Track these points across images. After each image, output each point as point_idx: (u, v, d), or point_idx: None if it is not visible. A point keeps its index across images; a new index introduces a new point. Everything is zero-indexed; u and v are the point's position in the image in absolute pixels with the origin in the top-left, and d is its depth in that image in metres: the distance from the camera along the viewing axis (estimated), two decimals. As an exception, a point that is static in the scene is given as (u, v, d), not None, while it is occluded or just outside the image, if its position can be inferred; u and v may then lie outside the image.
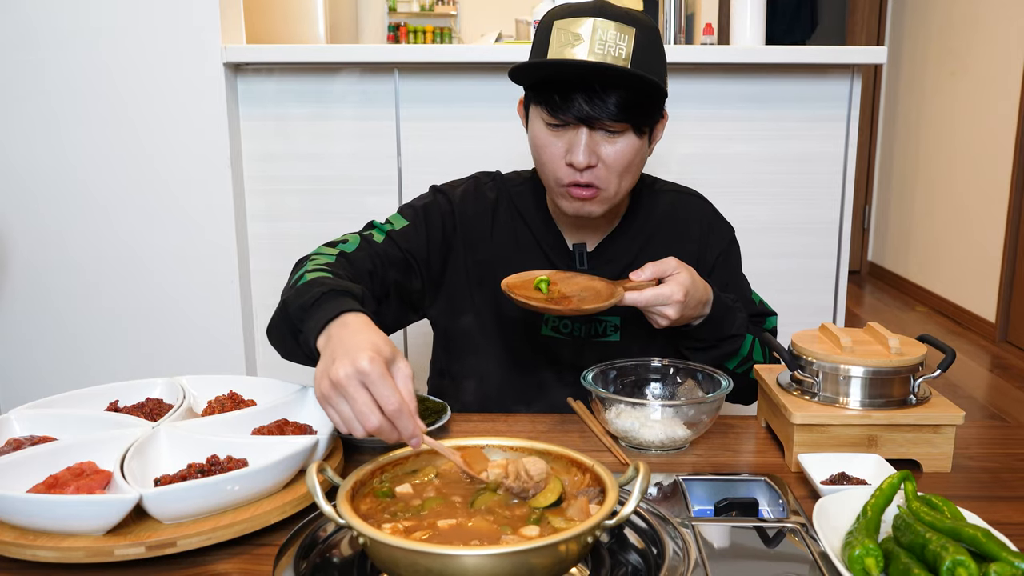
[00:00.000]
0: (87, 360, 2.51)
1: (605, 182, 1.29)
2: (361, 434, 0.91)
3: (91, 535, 0.86)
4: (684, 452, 1.19)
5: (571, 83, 1.23)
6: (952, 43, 5.06)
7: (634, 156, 1.29)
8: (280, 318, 1.19)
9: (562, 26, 1.24)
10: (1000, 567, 0.75)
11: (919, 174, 5.48)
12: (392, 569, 0.75)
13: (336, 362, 0.92)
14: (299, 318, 1.09)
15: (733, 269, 1.51)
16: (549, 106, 1.25)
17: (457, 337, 1.47)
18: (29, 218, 2.42)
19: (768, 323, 1.50)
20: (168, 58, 2.34)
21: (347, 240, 1.35)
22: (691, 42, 3.31)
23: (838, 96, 2.39)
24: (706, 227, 1.49)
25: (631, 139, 1.28)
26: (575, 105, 1.23)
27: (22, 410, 1.10)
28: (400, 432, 0.90)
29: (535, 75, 1.27)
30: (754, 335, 1.40)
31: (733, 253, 1.52)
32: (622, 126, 1.26)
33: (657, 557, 0.85)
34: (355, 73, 2.40)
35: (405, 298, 1.41)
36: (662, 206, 1.48)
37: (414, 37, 7.61)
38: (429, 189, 1.48)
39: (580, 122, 1.25)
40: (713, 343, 1.35)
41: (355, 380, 0.90)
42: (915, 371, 1.14)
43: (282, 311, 1.17)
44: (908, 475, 0.92)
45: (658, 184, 1.52)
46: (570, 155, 1.27)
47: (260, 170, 2.46)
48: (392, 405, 0.89)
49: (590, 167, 1.27)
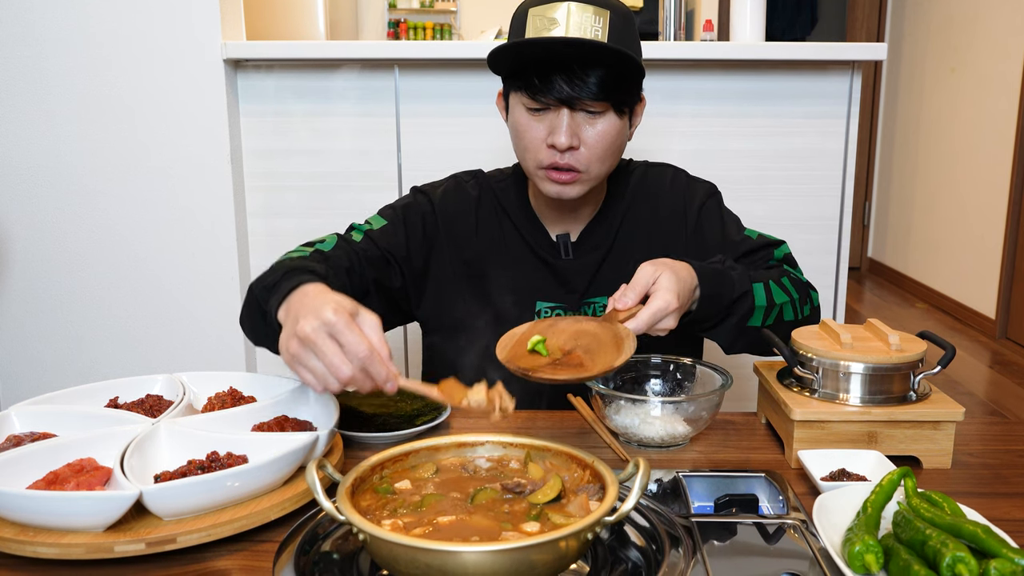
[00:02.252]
0: (87, 356, 2.51)
1: (586, 164, 1.30)
2: (336, 388, 0.92)
3: (91, 531, 0.86)
4: (684, 448, 1.19)
5: (550, 65, 1.24)
6: (952, 39, 5.05)
7: (615, 137, 1.30)
8: (248, 303, 1.23)
9: (537, 12, 1.26)
10: (1000, 563, 0.75)
11: (919, 170, 5.48)
12: (392, 565, 0.75)
13: (300, 320, 0.94)
14: (263, 298, 1.13)
15: (718, 217, 1.47)
16: (530, 90, 1.26)
17: (447, 334, 1.47)
18: (29, 214, 2.41)
19: (777, 252, 1.44)
20: (168, 54, 2.33)
21: (324, 240, 1.37)
22: (691, 38, 3.31)
23: (838, 92, 2.39)
24: (680, 188, 1.48)
25: (612, 120, 1.28)
26: (555, 86, 1.24)
27: (22, 406, 1.10)
28: (373, 378, 0.92)
29: (514, 59, 1.28)
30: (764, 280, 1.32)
31: (713, 203, 1.48)
32: (602, 106, 1.26)
33: (657, 553, 0.85)
34: (355, 69, 2.40)
35: (385, 296, 1.41)
36: (633, 182, 1.48)
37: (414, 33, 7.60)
38: (410, 191, 1.50)
39: (561, 103, 1.26)
40: (723, 315, 1.29)
41: (322, 332, 0.92)
42: (915, 367, 1.14)
43: (249, 295, 1.21)
44: (908, 471, 0.92)
45: (631, 165, 1.52)
46: (552, 137, 1.27)
47: (260, 166, 2.46)
48: (362, 351, 0.91)
49: (572, 148, 1.28)
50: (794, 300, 1.34)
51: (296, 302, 1.02)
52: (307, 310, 0.95)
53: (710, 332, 1.33)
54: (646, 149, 2.35)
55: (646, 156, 1.59)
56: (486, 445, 0.96)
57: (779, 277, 1.36)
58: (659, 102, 2.36)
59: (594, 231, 1.44)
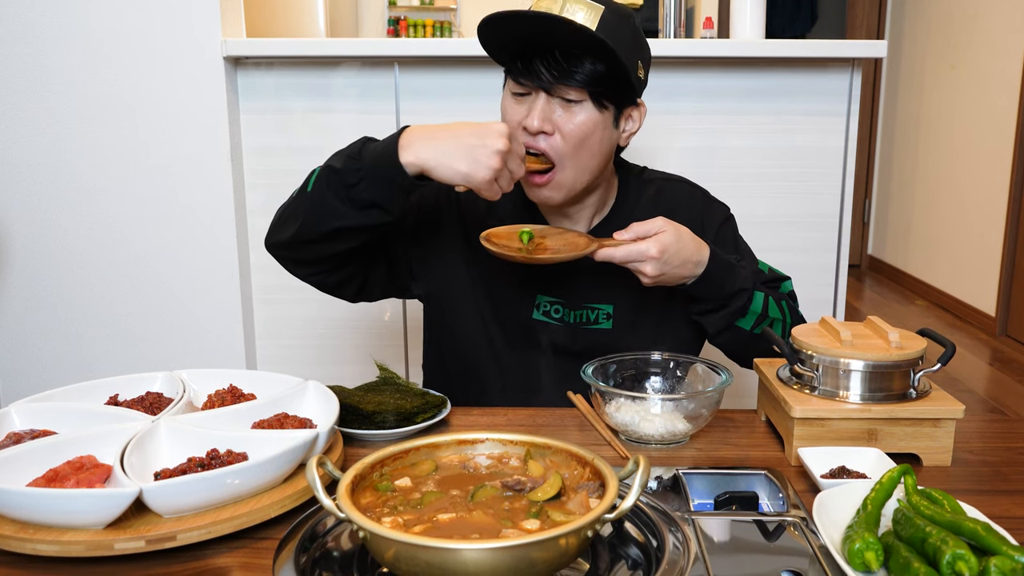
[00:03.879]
0: (87, 354, 2.51)
1: (559, 154, 1.30)
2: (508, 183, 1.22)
3: (91, 529, 0.86)
4: (684, 446, 1.19)
5: (532, 48, 1.26)
6: (952, 37, 5.05)
7: (592, 130, 1.30)
8: (322, 184, 1.28)
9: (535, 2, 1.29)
10: (1000, 561, 0.75)
11: (919, 168, 5.47)
12: (392, 563, 0.75)
13: (480, 128, 1.19)
14: (353, 167, 1.23)
15: (732, 243, 1.50)
16: (512, 72, 1.30)
17: (448, 317, 1.48)
18: (29, 212, 2.41)
19: (783, 287, 1.50)
20: (168, 52, 2.33)
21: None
22: (691, 36, 3.30)
23: (838, 90, 2.39)
24: (697, 211, 1.49)
25: (590, 111, 1.29)
26: (534, 68, 1.26)
27: (22, 404, 1.10)
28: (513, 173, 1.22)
29: (495, 31, 1.29)
30: (767, 294, 1.39)
31: (729, 228, 1.51)
32: (579, 94, 1.28)
33: (657, 551, 0.85)
34: (355, 67, 2.40)
35: (388, 261, 1.44)
36: (650, 194, 1.48)
37: (414, 31, 7.59)
38: None
39: (539, 87, 1.28)
40: (720, 303, 1.35)
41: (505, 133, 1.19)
42: (915, 365, 1.14)
43: (326, 176, 1.28)
44: (908, 469, 0.92)
45: (646, 173, 1.52)
46: (527, 119, 1.29)
47: (260, 164, 2.46)
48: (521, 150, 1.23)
49: (543, 132, 1.29)
50: (785, 323, 1.40)
51: (429, 131, 1.21)
52: (470, 126, 1.20)
53: (704, 318, 1.39)
54: (646, 147, 2.35)
55: (646, 154, 1.59)
56: (486, 443, 0.96)
57: (780, 299, 1.42)
58: (659, 100, 2.35)
59: (601, 233, 1.44)
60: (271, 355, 2.58)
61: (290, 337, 2.55)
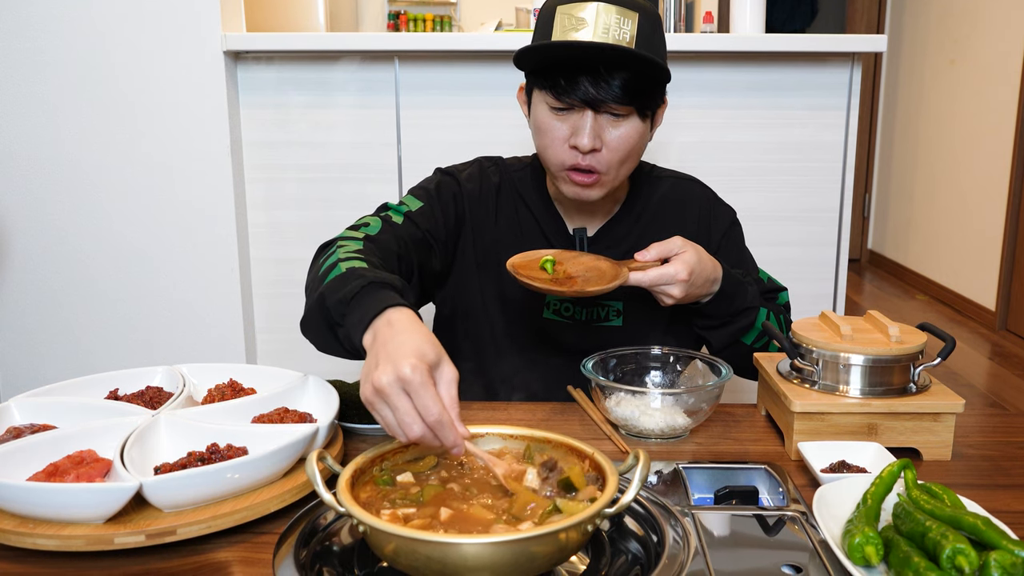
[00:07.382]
0: (87, 348, 2.51)
1: (606, 166, 1.29)
2: (405, 440, 0.89)
3: (91, 523, 0.86)
4: (684, 440, 1.19)
5: (577, 66, 1.23)
6: (952, 31, 5.04)
7: (637, 141, 1.30)
8: (317, 311, 1.12)
9: (565, 11, 1.24)
10: (1000, 555, 0.75)
11: (919, 162, 5.47)
12: (392, 557, 0.75)
13: (379, 367, 0.89)
14: (339, 312, 1.05)
15: (738, 250, 1.51)
16: (555, 90, 1.25)
17: (460, 319, 1.47)
18: (29, 206, 2.41)
19: (780, 298, 1.50)
20: (168, 46, 2.33)
21: (369, 223, 1.32)
22: (691, 30, 3.30)
23: (838, 84, 2.39)
24: (706, 211, 1.49)
25: (635, 123, 1.28)
26: (580, 88, 1.23)
27: (22, 398, 1.10)
28: (442, 441, 0.88)
29: (541, 58, 1.27)
30: (768, 309, 1.41)
31: (736, 234, 1.52)
32: (627, 109, 1.26)
33: (657, 545, 0.85)
34: (355, 61, 2.39)
35: (426, 280, 1.41)
36: (661, 191, 1.48)
37: (414, 25, 7.57)
38: (435, 171, 1.48)
39: (586, 105, 1.25)
40: (727, 319, 1.36)
41: (397, 387, 0.87)
42: (915, 359, 1.14)
43: (319, 304, 1.11)
44: (908, 463, 0.92)
45: (656, 171, 1.52)
46: (575, 138, 1.27)
47: (260, 158, 2.46)
48: (432, 416, 0.86)
49: (594, 151, 1.27)
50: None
51: (381, 335, 0.96)
52: (386, 355, 0.90)
53: (708, 332, 1.39)
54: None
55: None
56: (486, 437, 0.96)
57: (778, 312, 1.44)
58: (659, 94, 2.35)
59: (613, 229, 1.44)
60: (271, 349, 2.58)
61: (290, 331, 2.54)
